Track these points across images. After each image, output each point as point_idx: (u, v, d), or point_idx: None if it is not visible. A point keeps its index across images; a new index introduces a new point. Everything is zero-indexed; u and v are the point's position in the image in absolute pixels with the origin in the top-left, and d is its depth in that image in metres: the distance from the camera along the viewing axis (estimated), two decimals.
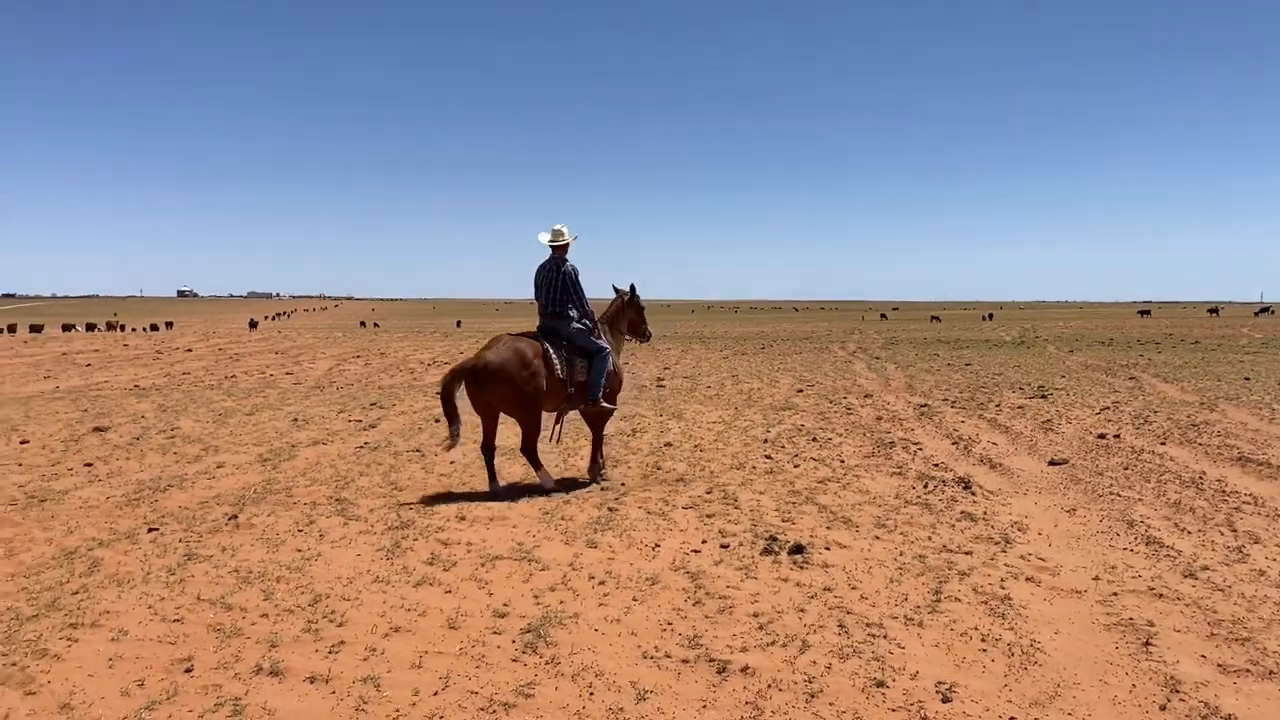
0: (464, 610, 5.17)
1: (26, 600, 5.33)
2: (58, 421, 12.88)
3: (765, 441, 10.84)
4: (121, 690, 4.16)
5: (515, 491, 8.21)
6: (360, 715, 3.93)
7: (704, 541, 6.52)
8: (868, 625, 4.93)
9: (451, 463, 9.65)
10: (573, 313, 8.61)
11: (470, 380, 8.06)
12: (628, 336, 9.54)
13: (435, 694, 4.12)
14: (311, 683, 4.22)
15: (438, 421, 8.73)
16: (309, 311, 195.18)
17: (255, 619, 5.03)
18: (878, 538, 6.63)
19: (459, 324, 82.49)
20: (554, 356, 8.32)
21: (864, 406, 14.25)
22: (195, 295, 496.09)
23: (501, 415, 8.31)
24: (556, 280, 8.57)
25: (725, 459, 9.72)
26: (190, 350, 32.49)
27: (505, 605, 5.24)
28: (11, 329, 60.91)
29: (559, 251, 8.65)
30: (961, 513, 7.34)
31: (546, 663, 4.45)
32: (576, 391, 8.57)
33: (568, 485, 8.48)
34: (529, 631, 4.83)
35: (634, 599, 5.35)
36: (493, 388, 8.01)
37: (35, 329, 62.30)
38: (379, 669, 4.38)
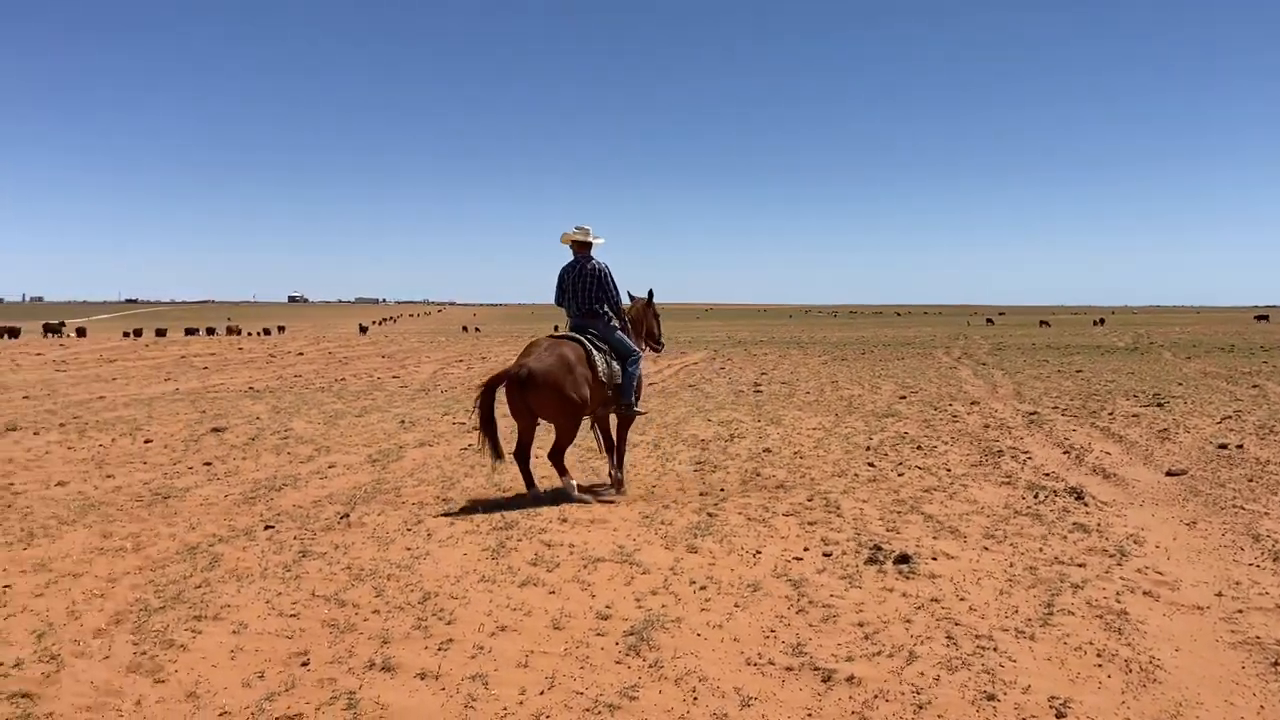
0: (568, 611, 5.23)
1: (154, 592, 5.59)
2: (178, 422, 13.46)
3: (868, 449, 10.69)
4: (243, 681, 4.33)
5: (555, 495, 8.17)
6: (469, 712, 4.01)
7: (806, 549, 6.46)
8: (977, 637, 4.82)
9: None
10: (606, 311, 8.50)
11: (514, 388, 7.89)
12: (644, 345, 9.30)
13: (541, 693, 4.18)
14: (422, 679, 4.33)
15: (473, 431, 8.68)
16: (413, 317, 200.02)
17: (367, 615, 5.18)
18: (986, 548, 6.48)
19: (556, 328, 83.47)
20: (597, 358, 8.17)
21: (970, 414, 13.94)
22: (305, 300, 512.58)
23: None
24: (587, 279, 8.46)
25: (826, 466, 9.63)
26: (301, 354, 33.60)
27: (608, 607, 5.29)
28: (138, 333, 64.25)
29: (581, 250, 8.53)
30: (1074, 524, 7.13)
31: (649, 666, 4.48)
32: (612, 394, 8.45)
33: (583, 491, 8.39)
34: (632, 634, 4.86)
35: (736, 605, 5.33)
36: (538, 395, 7.85)
37: (160, 333, 65.71)
38: (486, 667, 4.46)
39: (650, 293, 9.33)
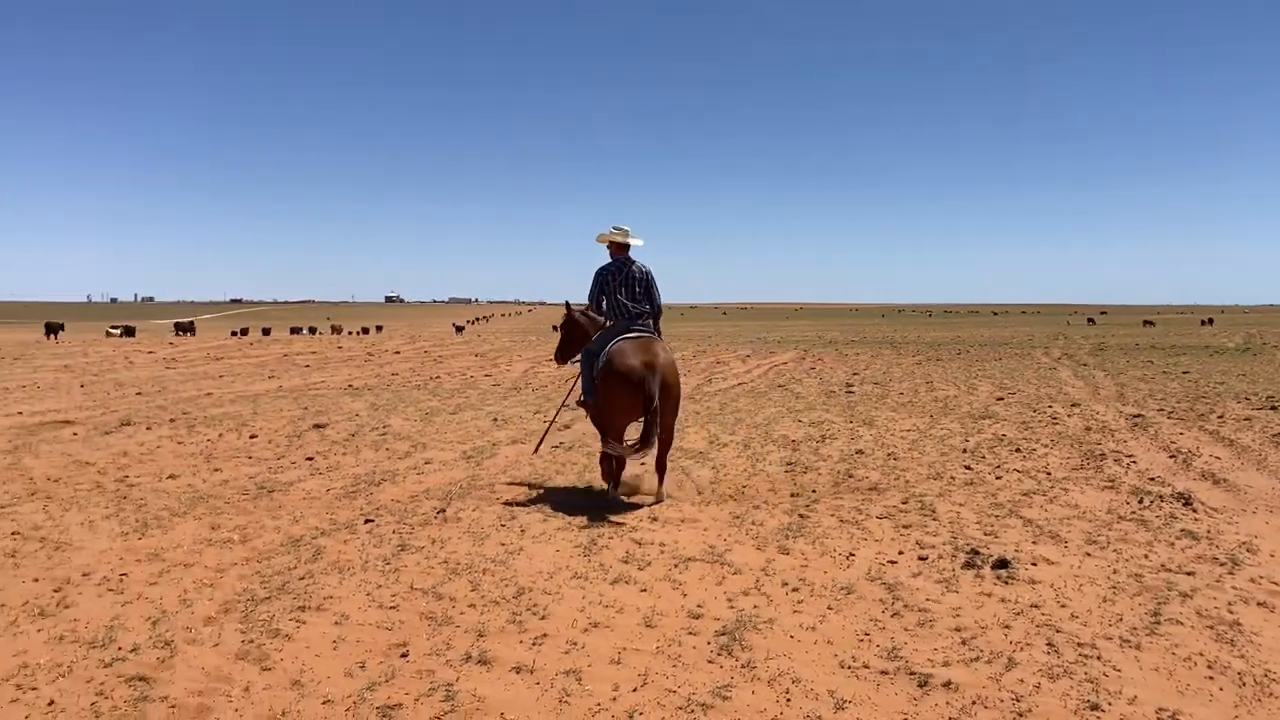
0: (659, 609, 5.25)
1: (260, 583, 5.78)
2: (281, 418, 13.89)
3: (964, 451, 10.48)
4: (345, 671, 4.46)
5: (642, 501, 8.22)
6: (563, 707, 4.06)
7: (900, 552, 6.37)
8: (1079, 645, 4.69)
9: (642, 464, 9.80)
10: (649, 312, 8.44)
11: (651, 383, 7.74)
12: None
13: (634, 690, 4.21)
14: (517, 673, 4.40)
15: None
16: (505, 316, 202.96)
17: (464, 609, 5.28)
18: (1089, 554, 6.30)
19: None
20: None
21: (1071, 416, 13.54)
22: (401, 300, 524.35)
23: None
24: (635, 281, 8.36)
25: (921, 468, 9.46)
26: (398, 353, 34.36)
27: (699, 607, 5.29)
28: (244, 331, 66.89)
29: (621, 251, 8.42)
30: (1182, 531, 6.88)
31: (742, 666, 4.47)
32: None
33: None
34: (724, 634, 4.86)
35: (829, 607, 5.29)
36: (670, 391, 7.90)
37: (265, 332, 68.50)
38: (580, 663, 4.51)
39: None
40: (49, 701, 4.12)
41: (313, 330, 76.26)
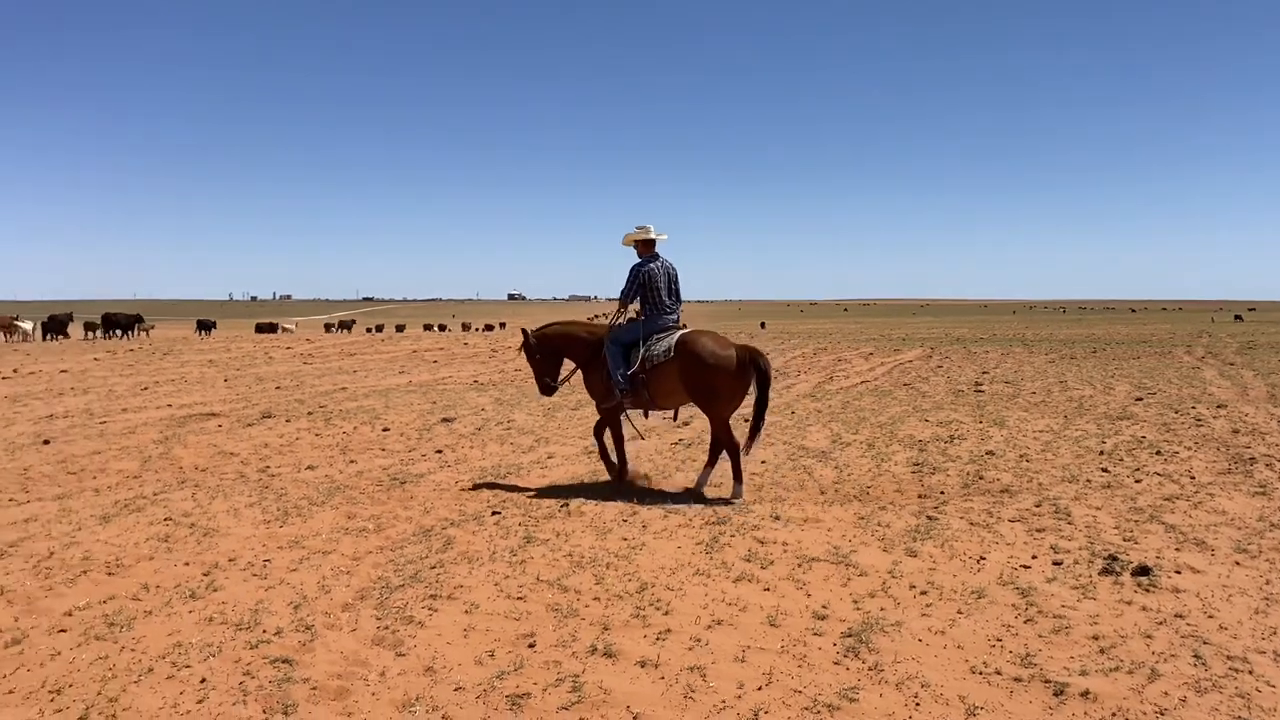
0: (783, 609, 5.21)
1: (394, 571, 5.98)
2: (412, 412, 14.32)
3: (1100, 453, 10.07)
4: (475, 659, 4.57)
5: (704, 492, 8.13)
6: (688, 703, 4.07)
7: (1034, 557, 6.16)
8: (1228, 658, 4.46)
9: (763, 462, 9.75)
10: (679, 304, 8.75)
11: (756, 371, 8.27)
12: None
13: (759, 689, 4.19)
14: (642, 667, 4.43)
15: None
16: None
17: (588, 602, 5.35)
18: (1238, 563, 5.98)
19: (763, 325, 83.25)
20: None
21: (1216, 418, 12.86)
22: (523, 298, 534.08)
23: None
24: (672, 277, 8.67)
25: (1055, 470, 9.14)
26: (521, 350, 34.99)
27: (824, 607, 5.23)
28: (379, 328, 70.27)
29: (648, 249, 8.63)
30: None
31: (869, 669, 4.40)
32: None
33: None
34: (850, 636, 4.79)
35: (959, 612, 5.16)
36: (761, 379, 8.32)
37: (400, 329, 71.87)
38: (704, 659, 4.51)
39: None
40: (200, 679, 4.35)
41: (442, 327, 79.64)
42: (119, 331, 52.44)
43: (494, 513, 7.51)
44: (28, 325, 47.73)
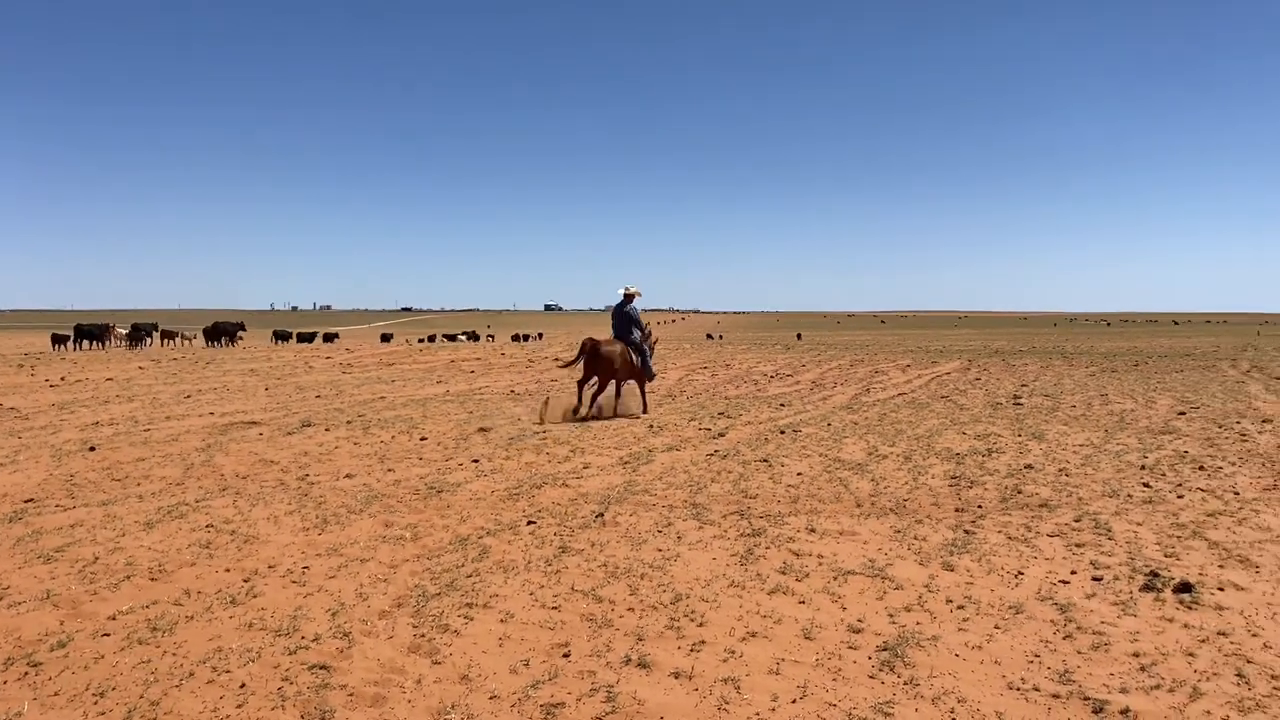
0: (818, 622, 5.20)
1: (430, 579, 6.03)
2: (449, 421, 14.42)
3: (1142, 468, 9.93)
4: (510, 668, 4.60)
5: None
6: (722, 714, 4.07)
7: (1073, 572, 6.10)
8: (1274, 678, 4.39)
9: (799, 474, 9.72)
10: (635, 334, 15.86)
11: (593, 356, 15.08)
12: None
13: (793, 702, 4.18)
14: (676, 678, 4.44)
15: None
16: (659, 324, 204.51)
17: (623, 612, 5.36)
18: None
19: (799, 337, 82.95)
20: (630, 351, 15.56)
21: (1262, 433, 12.64)
22: (560, 309, 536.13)
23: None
24: (628, 318, 15.90)
25: (1095, 485, 9.02)
26: (557, 360, 35.12)
27: (859, 621, 5.21)
28: (431, 339, 72.35)
29: (629, 300, 15.89)
30: None
31: (905, 683, 4.38)
32: (639, 368, 15.75)
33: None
34: (885, 650, 4.77)
35: (996, 627, 5.12)
36: (609, 361, 15.17)
37: (449, 338, 73.91)
38: (738, 671, 4.51)
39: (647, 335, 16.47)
40: (240, 684, 4.42)
41: (475, 337, 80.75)
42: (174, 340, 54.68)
43: (529, 522, 7.55)
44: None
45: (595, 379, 15.39)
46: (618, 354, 15.18)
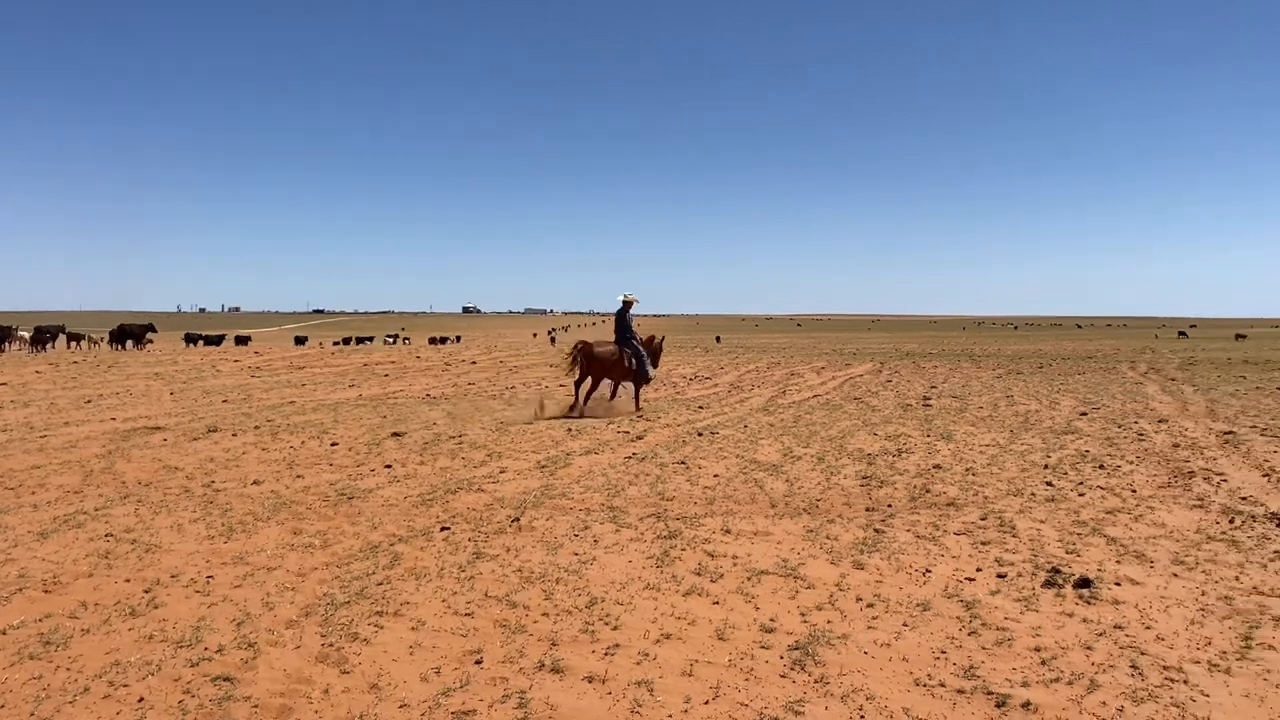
0: (732, 623, 5.24)
1: (339, 588, 5.91)
2: (361, 426, 14.18)
3: (1045, 467, 10.24)
4: (421, 676, 4.53)
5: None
6: (635, 717, 4.07)
7: (979, 569, 6.25)
8: (1165, 668, 4.56)
9: (716, 476, 9.79)
10: (630, 336, 16.55)
11: (587, 357, 16.13)
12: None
13: (706, 703, 4.20)
14: (589, 682, 4.42)
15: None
16: (580, 328, 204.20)
17: (537, 617, 5.33)
18: (1175, 575, 6.11)
19: (718, 339, 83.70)
20: (626, 353, 16.30)
21: (1158, 432, 13.15)
22: (478, 311, 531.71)
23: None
24: (626, 322, 16.61)
25: (1000, 484, 9.28)
26: (474, 363, 34.80)
27: (772, 621, 5.26)
28: (346, 341, 71.53)
29: (627, 306, 16.72)
30: (1275, 552, 6.63)
31: (815, 682, 4.43)
32: (633, 370, 16.51)
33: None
34: (797, 649, 4.83)
35: (904, 624, 5.22)
36: (604, 363, 16.14)
37: (361, 340, 73.18)
38: (652, 673, 4.52)
39: (652, 337, 17.82)
40: (139, 699, 4.27)
41: (406, 339, 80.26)
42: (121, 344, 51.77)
43: (443, 528, 7.46)
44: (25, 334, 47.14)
45: (593, 379, 16.41)
46: (610, 356, 16.13)
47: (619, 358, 16.23)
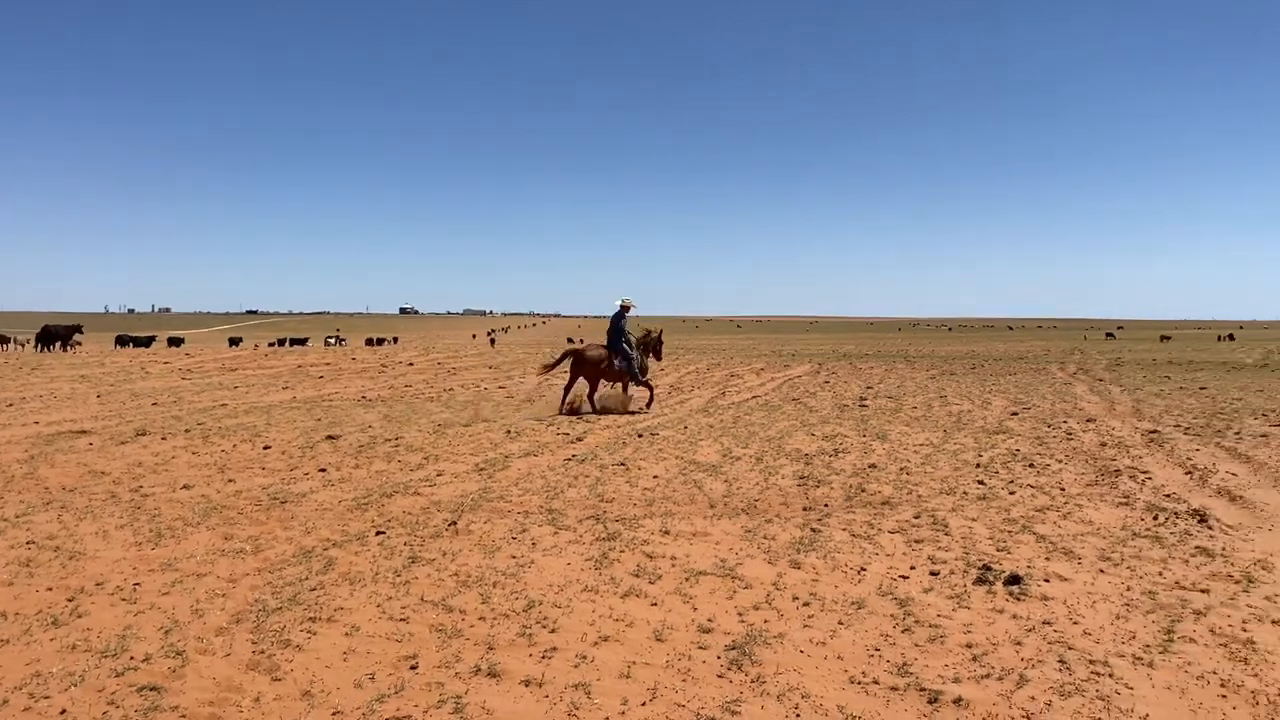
0: (670, 624, 5.25)
1: (271, 594, 5.80)
2: (295, 429, 13.95)
3: (977, 466, 10.44)
4: (355, 682, 4.47)
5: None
6: None
7: (912, 567, 6.35)
8: (1091, 662, 4.67)
9: (655, 477, 9.81)
10: (626, 340, 16.83)
11: (579, 360, 16.96)
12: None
13: (643, 704, 4.20)
14: (526, 686, 4.40)
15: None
16: (520, 329, 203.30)
17: (474, 621, 5.28)
18: (1102, 571, 6.27)
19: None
20: (615, 358, 16.77)
21: (1086, 432, 13.48)
22: (416, 312, 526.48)
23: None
24: (622, 326, 16.87)
25: (934, 483, 9.43)
26: (412, 364, 34.42)
27: (710, 621, 5.29)
28: (282, 342, 69.95)
29: (625, 310, 17.09)
30: (1196, 548, 6.83)
31: (752, 681, 4.46)
32: (625, 372, 16.88)
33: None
34: (734, 649, 4.85)
35: (840, 622, 5.27)
36: (594, 365, 16.76)
37: (297, 342, 71.62)
38: (589, 676, 4.51)
39: (649, 331, 17.68)
40: (61, 710, 4.15)
41: (342, 341, 78.79)
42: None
43: (378, 533, 7.36)
44: None
45: (599, 380, 17.18)
46: (598, 358, 16.85)
47: (607, 361, 16.80)
